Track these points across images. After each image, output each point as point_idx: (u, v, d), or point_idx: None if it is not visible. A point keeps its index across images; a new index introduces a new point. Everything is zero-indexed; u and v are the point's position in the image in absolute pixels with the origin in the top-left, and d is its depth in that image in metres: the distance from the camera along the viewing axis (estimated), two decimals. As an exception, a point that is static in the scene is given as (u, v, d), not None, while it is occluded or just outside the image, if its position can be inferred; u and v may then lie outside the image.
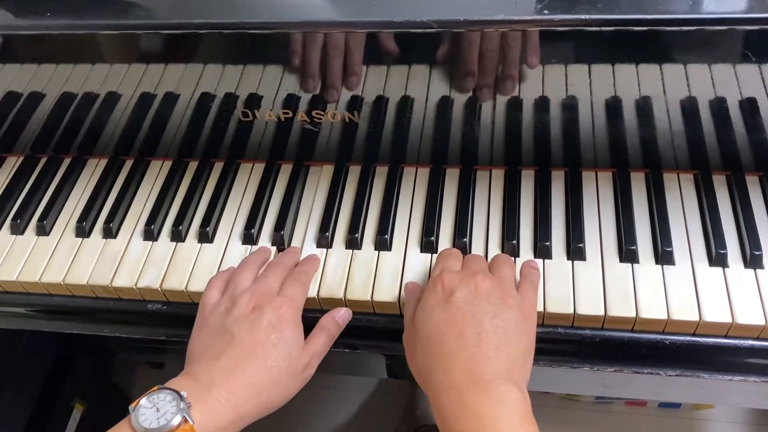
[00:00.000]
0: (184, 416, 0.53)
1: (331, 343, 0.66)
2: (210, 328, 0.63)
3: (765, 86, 0.65)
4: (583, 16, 0.59)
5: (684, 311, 0.64)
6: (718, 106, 0.67)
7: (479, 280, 0.59)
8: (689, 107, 0.68)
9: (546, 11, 0.59)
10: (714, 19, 0.58)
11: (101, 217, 0.79)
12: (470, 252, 0.71)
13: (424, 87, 0.71)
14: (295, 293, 0.65)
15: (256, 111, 0.76)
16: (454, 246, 0.71)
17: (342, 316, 0.68)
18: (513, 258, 0.69)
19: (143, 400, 0.55)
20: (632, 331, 0.66)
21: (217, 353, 0.59)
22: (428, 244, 0.72)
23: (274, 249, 0.74)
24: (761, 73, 0.64)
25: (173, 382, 0.57)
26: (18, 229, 0.79)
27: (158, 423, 0.53)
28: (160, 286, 0.72)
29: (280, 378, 0.60)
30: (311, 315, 0.69)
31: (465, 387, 0.54)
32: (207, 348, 0.61)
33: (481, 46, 0.65)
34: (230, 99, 0.75)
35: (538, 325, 0.66)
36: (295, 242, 0.74)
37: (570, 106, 0.70)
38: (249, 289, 0.64)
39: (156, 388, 0.56)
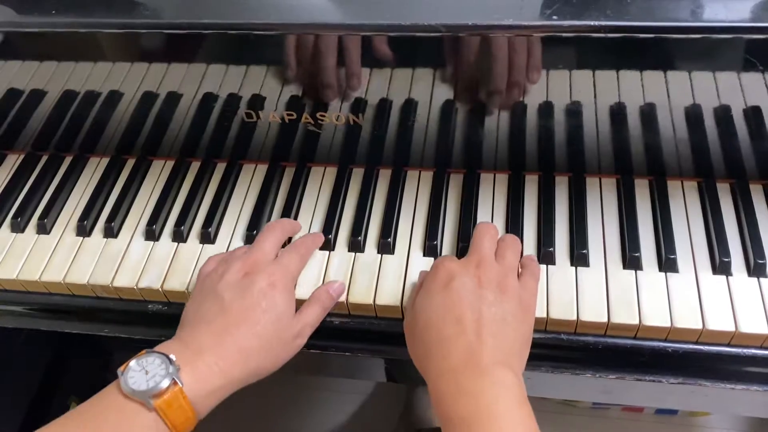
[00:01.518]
0: (173, 379, 0.54)
1: (323, 315, 0.66)
2: (202, 293, 0.63)
3: (770, 94, 0.65)
4: (592, 23, 0.58)
5: (687, 319, 0.64)
6: (723, 114, 0.67)
7: (481, 267, 0.60)
8: (694, 114, 0.68)
9: (555, 17, 0.59)
10: (724, 27, 0.58)
11: (102, 217, 0.79)
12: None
13: (428, 90, 0.71)
14: (290, 261, 0.65)
15: (259, 112, 0.75)
16: (458, 250, 0.71)
17: (336, 288, 0.68)
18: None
19: (132, 363, 0.55)
20: (635, 338, 0.66)
21: (207, 318, 0.60)
22: (431, 248, 0.71)
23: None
24: (766, 82, 0.63)
25: (163, 346, 0.57)
26: (18, 228, 0.79)
27: (147, 385, 0.53)
28: (161, 286, 0.72)
29: (269, 345, 0.60)
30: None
31: (462, 371, 0.54)
32: (198, 313, 0.61)
33: (487, 50, 0.64)
34: (234, 99, 0.75)
35: (541, 331, 0.66)
36: (298, 244, 0.74)
37: (574, 111, 0.70)
38: (243, 255, 0.64)
39: (144, 351, 0.56)
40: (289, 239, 0.73)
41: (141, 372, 0.54)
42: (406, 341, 0.62)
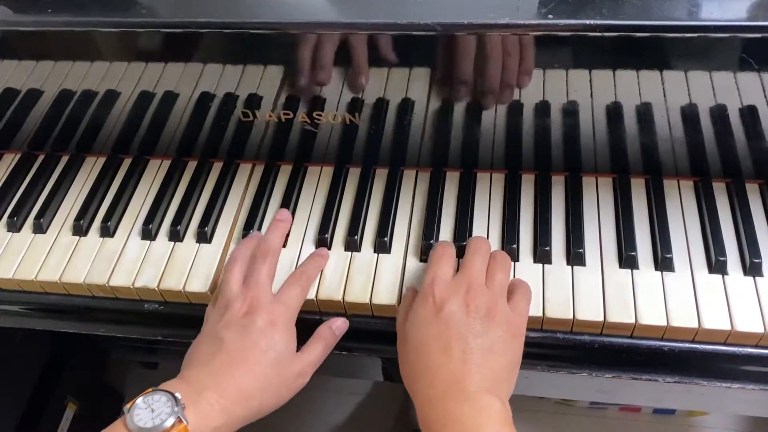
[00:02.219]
0: (178, 417, 0.54)
1: (327, 353, 0.67)
2: (204, 334, 0.64)
3: (766, 94, 0.65)
4: (588, 21, 0.58)
5: (683, 318, 0.64)
6: (719, 114, 0.68)
7: (470, 294, 0.60)
8: (690, 114, 0.68)
9: (551, 16, 0.59)
10: (719, 26, 0.58)
11: (99, 216, 0.79)
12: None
13: (425, 90, 0.71)
14: (291, 298, 0.65)
15: (256, 111, 0.75)
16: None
17: (339, 326, 0.68)
18: (512, 261, 0.69)
19: (139, 401, 0.56)
20: (631, 337, 0.66)
21: (208, 359, 0.60)
22: (428, 248, 0.71)
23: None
24: (762, 81, 0.64)
25: (167, 385, 0.58)
26: (14, 227, 0.79)
27: (153, 423, 0.54)
28: (158, 286, 0.72)
29: (270, 385, 0.60)
30: (308, 317, 0.69)
31: (447, 398, 0.55)
32: (199, 354, 0.62)
33: (483, 49, 0.64)
34: (230, 99, 0.75)
35: (537, 330, 0.67)
36: (294, 242, 0.74)
37: (571, 110, 0.70)
38: (241, 293, 0.64)
39: (151, 390, 0.57)
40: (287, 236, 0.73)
41: (147, 410, 0.55)
42: (398, 358, 0.62)
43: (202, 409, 0.56)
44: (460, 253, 0.69)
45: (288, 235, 0.75)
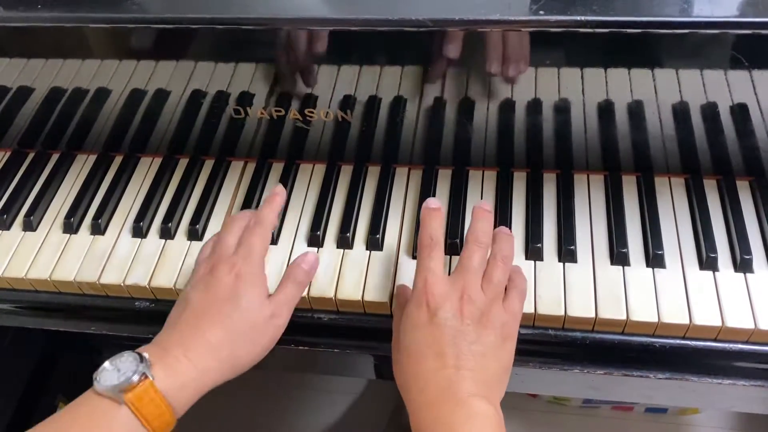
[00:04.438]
0: (143, 373, 0.54)
1: (300, 291, 0.65)
2: (177, 301, 0.64)
3: (756, 92, 0.65)
4: (578, 18, 0.59)
5: (674, 314, 0.64)
6: (710, 111, 0.68)
7: (464, 300, 0.58)
8: (681, 112, 0.68)
9: (542, 12, 0.59)
10: (710, 22, 0.58)
11: (89, 214, 0.79)
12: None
13: (417, 87, 0.71)
14: (250, 245, 0.63)
15: (248, 108, 0.75)
16: (446, 246, 0.71)
17: (308, 260, 0.66)
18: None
19: (105, 364, 0.55)
20: (623, 333, 0.66)
21: (174, 320, 0.61)
22: (420, 245, 0.71)
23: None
24: (752, 79, 0.64)
25: (137, 349, 0.58)
26: (4, 225, 0.78)
27: (118, 380, 0.54)
28: (149, 283, 0.71)
29: (239, 332, 0.60)
30: (300, 314, 0.69)
31: (439, 403, 0.55)
32: (169, 318, 0.62)
33: (475, 46, 0.64)
34: (222, 96, 0.75)
35: (529, 327, 0.67)
36: (286, 240, 0.74)
37: (562, 108, 0.70)
38: (208, 256, 0.64)
39: (118, 353, 0.56)
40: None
41: (113, 370, 0.55)
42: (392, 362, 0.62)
43: (168, 365, 0.56)
44: (451, 251, 0.68)
45: (279, 233, 0.74)
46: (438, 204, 0.64)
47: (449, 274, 0.61)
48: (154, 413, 0.54)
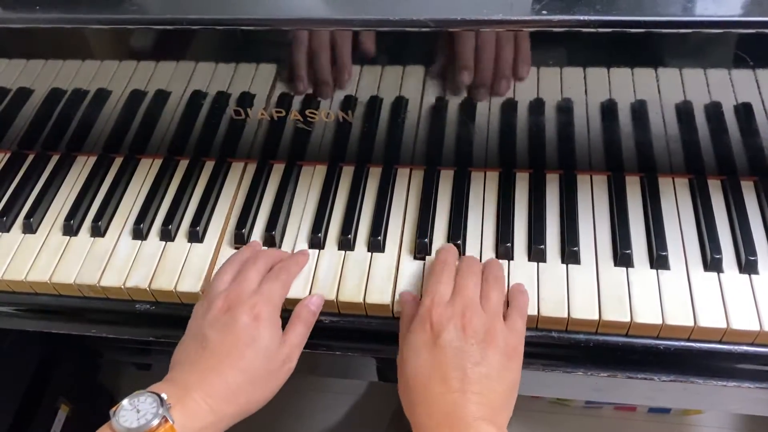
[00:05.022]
0: (164, 416, 0.54)
1: (308, 332, 0.66)
2: (188, 334, 0.63)
3: (760, 91, 0.65)
4: (581, 17, 0.58)
5: (679, 316, 0.64)
6: (714, 111, 0.67)
7: (467, 319, 0.59)
8: (685, 111, 0.68)
9: (544, 11, 0.59)
10: (714, 21, 0.58)
11: (89, 216, 0.78)
12: (464, 253, 0.71)
13: (418, 87, 0.70)
14: (271, 290, 0.64)
15: (248, 109, 0.75)
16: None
17: (314, 302, 0.67)
18: (507, 260, 0.69)
19: (124, 402, 0.55)
20: (626, 335, 0.65)
21: (192, 358, 0.60)
22: (422, 246, 0.71)
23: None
24: (756, 78, 0.63)
25: (153, 387, 0.58)
26: (4, 227, 0.78)
27: (138, 423, 0.53)
28: (149, 285, 0.71)
29: (257, 377, 0.60)
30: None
31: (446, 426, 0.55)
32: (184, 354, 0.62)
33: (477, 46, 0.64)
34: (222, 97, 0.74)
35: (532, 329, 0.66)
36: (287, 243, 0.73)
37: (565, 108, 0.69)
38: (225, 290, 0.64)
39: (137, 392, 0.56)
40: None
41: (132, 411, 0.54)
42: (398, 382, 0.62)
43: (188, 408, 0.56)
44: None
45: (281, 235, 0.74)
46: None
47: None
48: None
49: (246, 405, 0.60)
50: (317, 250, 0.72)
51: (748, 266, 0.66)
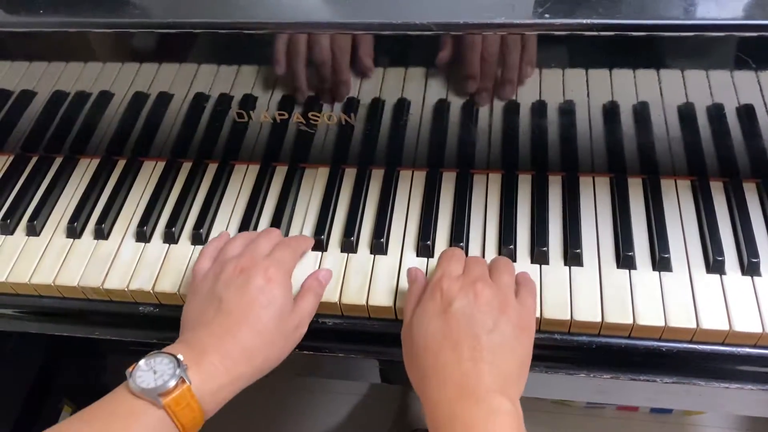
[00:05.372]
0: (181, 377, 0.54)
1: (317, 303, 0.67)
2: (200, 295, 0.63)
3: (762, 93, 0.65)
4: (584, 21, 0.58)
5: (681, 318, 0.64)
6: (716, 113, 0.67)
7: (479, 289, 0.58)
8: (687, 113, 0.68)
9: (547, 15, 0.59)
10: (716, 25, 0.58)
11: (93, 218, 0.78)
12: (467, 255, 0.71)
13: (421, 89, 0.70)
14: (283, 256, 0.65)
15: (251, 112, 0.75)
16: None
17: (324, 275, 0.68)
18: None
19: (141, 363, 0.55)
20: (629, 337, 0.66)
21: (207, 320, 0.60)
22: (425, 248, 0.71)
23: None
24: (759, 80, 0.63)
25: (169, 348, 0.57)
26: (8, 229, 0.78)
27: (155, 383, 0.53)
28: (153, 288, 0.71)
29: (272, 340, 0.60)
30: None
31: (457, 399, 0.54)
32: (198, 316, 0.61)
33: (479, 49, 0.64)
34: (225, 99, 0.74)
35: (536, 331, 0.66)
36: (290, 245, 0.73)
37: (567, 110, 0.69)
38: (237, 255, 0.64)
39: (153, 352, 0.56)
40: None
41: (149, 371, 0.54)
42: (403, 357, 0.61)
43: (205, 370, 0.56)
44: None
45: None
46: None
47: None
48: (189, 416, 0.54)
49: (261, 365, 0.60)
50: (320, 252, 0.72)
51: (750, 268, 0.66)
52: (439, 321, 0.57)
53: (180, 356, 0.55)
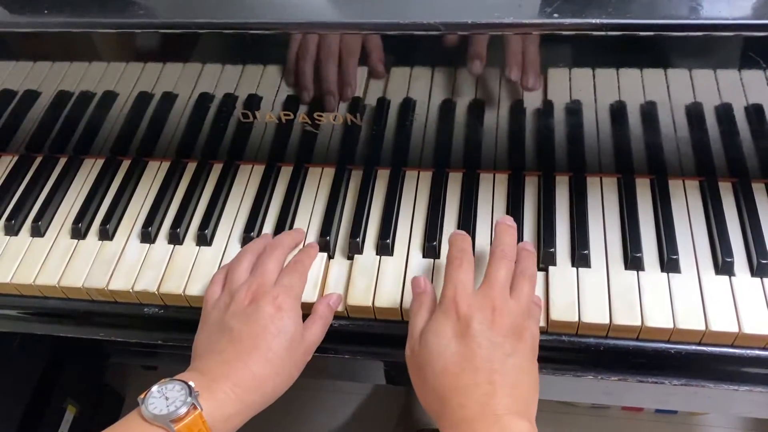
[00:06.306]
0: (193, 403, 0.55)
1: (326, 329, 0.67)
2: (211, 324, 0.64)
3: (772, 92, 0.64)
4: (593, 21, 0.58)
5: (690, 320, 0.63)
6: (725, 112, 0.67)
7: (496, 310, 0.58)
8: (695, 113, 0.67)
9: (556, 15, 0.58)
10: (725, 24, 0.57)
11: (97, 219, 0.78)
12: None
13: (427, 90, 0.70)
14: (291, 282, 0.65)
15: (256, 112, 0.75)
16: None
17: (334, 301, 0.68)
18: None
19: (153, 390, 0.56)
20: (637, 339, 0.65)
21: (219, 349, 0.61)
22: (431, 249, 0.71)
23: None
24: (768, 79, 0.63)
25: (180, 376, 0.58)
26: (12, 230, 0.78)
27: (167, 410, 0.54)
28: (158, 289, 0.71)
29: (282, 367, 0.61)
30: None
31: (477, 420, 0.54)
32: (209, 344, 0.62)
33: (486, 49, 0.64)
34: (230, 99, 0.74)
35: (543, 333, 0.66)
36: (296, 246, 0.73)
37: (575, 110, 0.69)
38: (246, 282, 0.65)
39: (165, 380, 0.57)
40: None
41: (161, 398, 0.55)
42: (410, 374, 0.61)
43: (216, 397, 0.57)
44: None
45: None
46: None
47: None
48: None
49: (272, 393, 0.61)
50: (326, 254, 0.72)
51: (759, 269, 0.66)
52: (459, 344, 0.57)
53: (191, 383, 0.56)
